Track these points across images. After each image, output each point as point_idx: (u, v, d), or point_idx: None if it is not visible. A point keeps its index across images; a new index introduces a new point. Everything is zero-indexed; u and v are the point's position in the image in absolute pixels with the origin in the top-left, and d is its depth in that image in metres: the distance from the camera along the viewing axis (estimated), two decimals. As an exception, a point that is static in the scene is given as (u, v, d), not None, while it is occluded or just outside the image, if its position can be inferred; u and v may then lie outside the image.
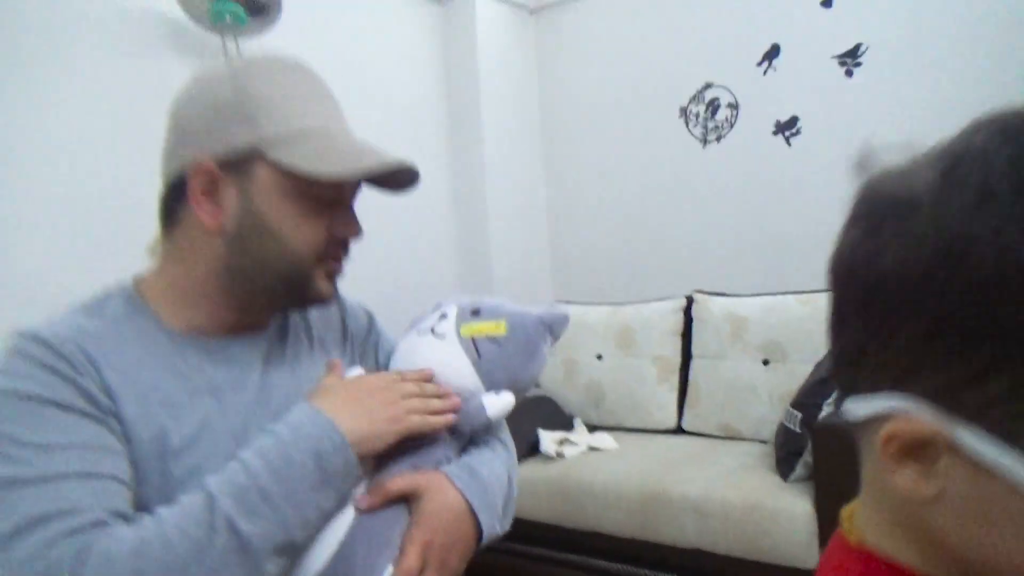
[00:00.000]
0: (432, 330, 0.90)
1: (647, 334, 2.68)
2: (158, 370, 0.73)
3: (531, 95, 3.62)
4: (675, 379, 2.61)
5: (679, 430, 2.57)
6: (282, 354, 0.84)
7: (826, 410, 1.90)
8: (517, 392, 0.89)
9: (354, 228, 0.81)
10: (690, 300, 2.68)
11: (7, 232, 1.95)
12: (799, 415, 1.96)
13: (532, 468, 2.30)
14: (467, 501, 0.78)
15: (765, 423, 2.31)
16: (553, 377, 2.85)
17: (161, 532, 0.62)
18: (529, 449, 2.37)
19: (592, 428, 2.63)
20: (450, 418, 0.82)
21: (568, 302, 3.07)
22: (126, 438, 0.69)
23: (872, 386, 0.39)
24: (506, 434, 0.95)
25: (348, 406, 0.74)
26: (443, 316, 0.91)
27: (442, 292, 3.25)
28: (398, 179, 0.82)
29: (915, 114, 2.62)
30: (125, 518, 0.64)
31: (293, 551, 0.69)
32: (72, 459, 0.64)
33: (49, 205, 2.03)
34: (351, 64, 2.94)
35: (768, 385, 2.33)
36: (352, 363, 0.93)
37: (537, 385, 2.83)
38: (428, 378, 0.84)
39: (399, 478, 0.77)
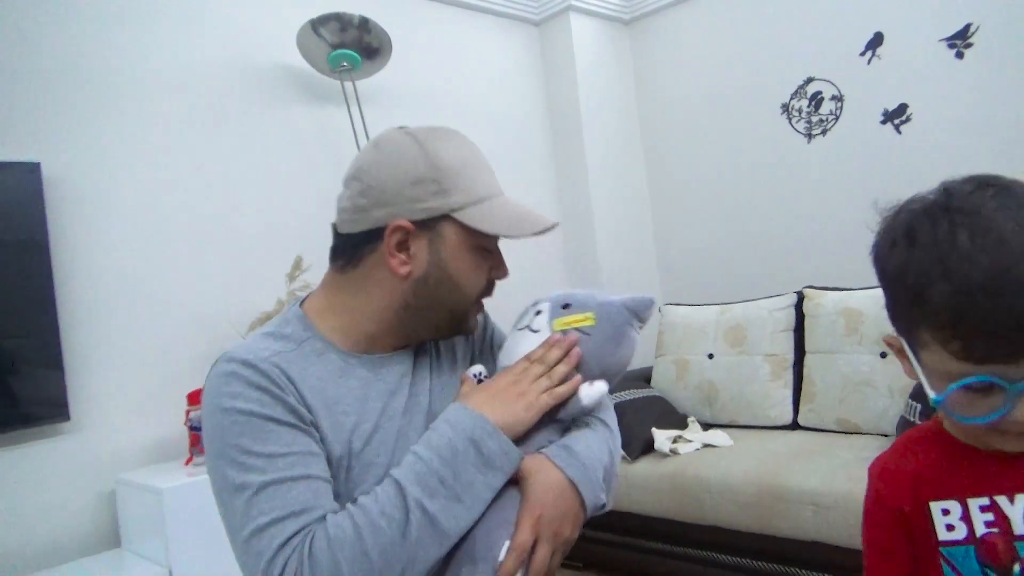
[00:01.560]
0: (529, 327, 0.99)
1: (758, 332, 2.69)
2: (337, 385, 0.88)
3: (630, 103, 3.70)
4: (789, 376, 2.60)
5: (795, 426, 2.56)
6: (425, 364, 0.99)
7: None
8: (610, 378, 0.97)
9: (505, 271, 0.98)
10: (800, 296, 2.67)
11: (178, 265, 2.25)
12: (918, 406, 1.93)
13: (648, 465, 2.37)
14: (567, 476, 0.88)
15: (885, 416, 2.28)
16: (665, 377, 2.90)
17: (369, 518, 0.77)
18: (644, 447, 2.44)
19: (707, 427, 2.67)
20: (577, 380, 0.93)
21: (677, 304, 3.11)
22: (323, 444, 0.84)
23: None
24: (609, 415, 1.03)
25: (489, 402, 0.88)
26: (538, 312, 1.01)
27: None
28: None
29: (1034, 91, 2.51)
30: (335, 511, 0.80)
31: (471, 520, 0.83)
32: (294, 463, 0.79)
33: (209, 240, 2.33)
34: (458, 91, 3.13)
35: (887, 378, 2.30)
36: (474, 358, 1.06)
37: (648, 385, 2.90)
38: (552, 345, 0.95)
39: None
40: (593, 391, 0.93)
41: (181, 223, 2.27)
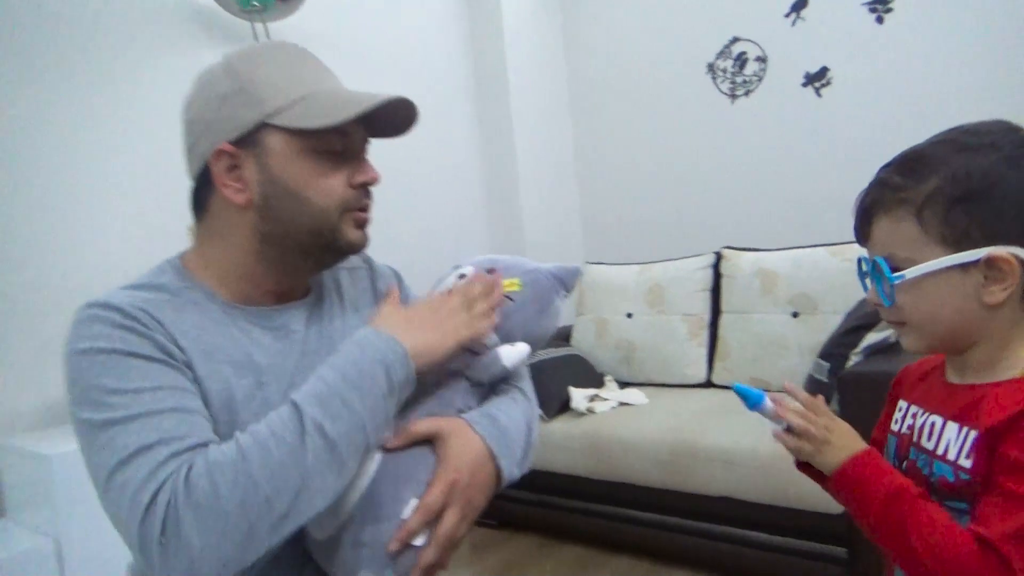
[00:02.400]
0: (451, 289, 0.95)
1: (676, 291, 2.70)
2: (217, 334, 0.81)
3: (558, 60, 3.62)
4: (705, 335, 2.63)
5: (709, 384, 2.60)
6: (320, 317, 0.92)
7: (854, 360, 1.92)
8: (533, 344, 0.94)
9: (370, 173, 0.87)
10: (719, 256, 2.70)
11: (86, 216, 2.07)
12: (827, 365, 1.98)
13: (564, 424, 2.37)
14: (487, 445, 0.84)
15: (795, 375, 2.33)
16: (585, 336, 2.90)
17: (258, 441, 0.69)
18: (561, 406, 2.43)
19: (623, 385, 2.69)
20: (494, 319, 0.89)
21: (599, 263, 3.10)
22: (199, 387, 0.77)
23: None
24: (527, 384, 0.99)
25: (404, 325, 0.82)
26: (461, 276, 0.97)
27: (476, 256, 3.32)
28: (399, 123, 0.89)
29: (949, 58, 2.56)
30: (216, 443, 0.72)
31: (368, 451, 0.77)
32: (163, 397, 0.71)
33: (118, 190, 2.15)
34: (378, 41, 2.98)
35: (798, 337, 2.35)
36: None
37: (568, 343, 2.89)
38: (474, 279, 0.91)
39: (423, 421, 0.84)
40: (515, 352, 0.90)
41: (69, 172, 2.10)
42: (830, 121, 2.84)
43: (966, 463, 0.70)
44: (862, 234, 0.80)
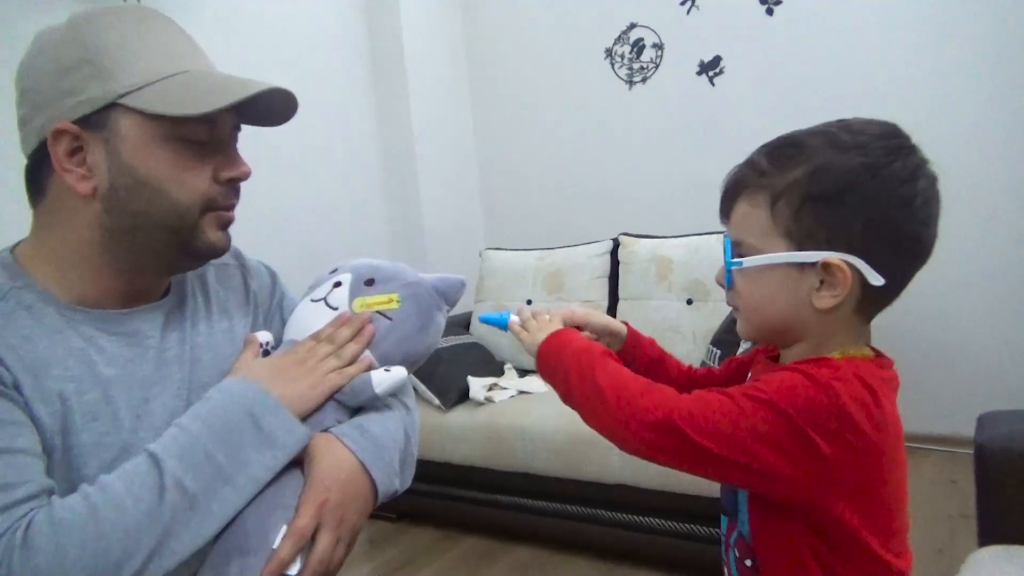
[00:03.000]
0: (326, 300, 0.87)
1: (575, 278, 2.70)
2: (52, 344, 0.70)
3: (457, 42, 3.54)
4: (603, 321, 2.64)
5: (608, 371, 2.62)
6: (181, 321, 0.82)
7: (744, 347, 1.95)
8: (411, 364, 0.88)
9: (238, 167, 0.77)
10: (616, 243, 2.71)
11: None
12: (718, 352, 2.01)
13: (462, 414, 2.32)
14: (358, 459, 0.77)
15: (690, 360, 2.32)
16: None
17: (111, 497, 0.62)
18: (459, 396, 2.38)
19: (523, 373, 2.66)
20: (368, 360, 0.83)
21: (499, 248, 3.06)
22: (29, 411, 0.66)
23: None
24: (408, 396, 0.93)
25: (271, 375, 0.77)
26: (337, 284, 0.89)
27: (373, 244, 3.21)
28: (276, 111, 0.79)
29: (834, 49, 2.65)
30: (53, 491, 0.63)
31: (241, 504, 0.70)
32: None
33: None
34: (268, 14, 2.80)
35: (692, 324, 2.39)
36: (256, 325, 0.91)
37: (467, 331, 2.84)
38: (343, 323, 0.84)
39: None
40: (388, 378, 0.82)
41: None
42: (723, 109, 2.90)
43: None
44: (723, 212, 0.80)
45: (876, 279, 0.68)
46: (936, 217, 0.70)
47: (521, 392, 2.42)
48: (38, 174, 0.73)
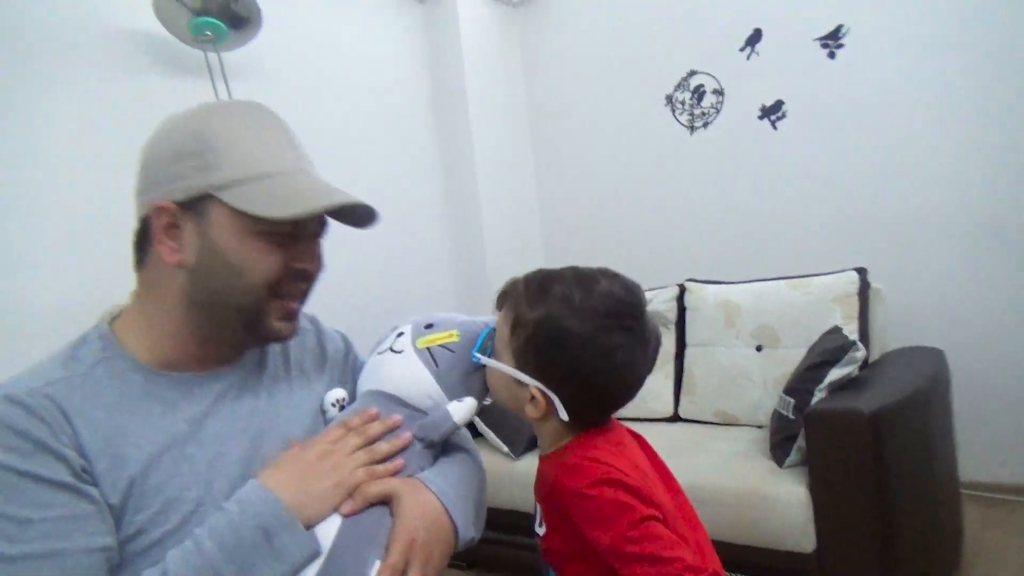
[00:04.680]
0: (391, 348, 0.94)
1: (641, 324, 2.69)
2: (131, 412, 0.76)
3: (518, 89, 3.63)
4: (671, 368, 2.63)
5: (676, 418, 2.60)
6: (259, 382, 0.88)
7: (818, 396, 1.93)
8: (478, 396, 0.93)
9: (312, 262, 0.85)
10: (682, 288, 2.70)
11: (19, 251, 1.97)
12: (792, 401, 1.98)
13: (532, 461, 2.31)
14: (442, 503, 0.83)
15: (760, 408, 2.34)
16: (550, 370, 2.87)
17: None
18: (528, 443, 2.40)
19: (590, 419, 2.66)
20: (399, 463, 0.85)
21: (563, 295, 3.08)
22: (101, 492, 0.72)
23: None
24: (470, 443, 1.00)
25: (295, 479, 0.78)
26: (400, 335, 0.95)
27: (438, 291, 3.28)
28: (360, 215, 0.87)
29: (898, 93, 2.63)
30: None
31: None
32: (47, 535, 0.67)
33: (52, 222, 2.06)
34: (334, 69, 2.94)
35: (762, 371, 2.36)
36: (332, 383, 0.96)
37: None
38: (373, 418, 0.87)
39: (375, 483, 0.81)
40: (463, 408, 0.89)
41: (13, 204, 2.00)
42: (786, 153, 2.89)
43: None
44: (497, 304, 0.93)
45: (564, 416, 0.83)
46: (641, 377, 0.87)
47: (589, 440, 2.42)
48: (144, 241, 0.82)
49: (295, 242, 0.83)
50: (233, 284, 0.80)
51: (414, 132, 3.32)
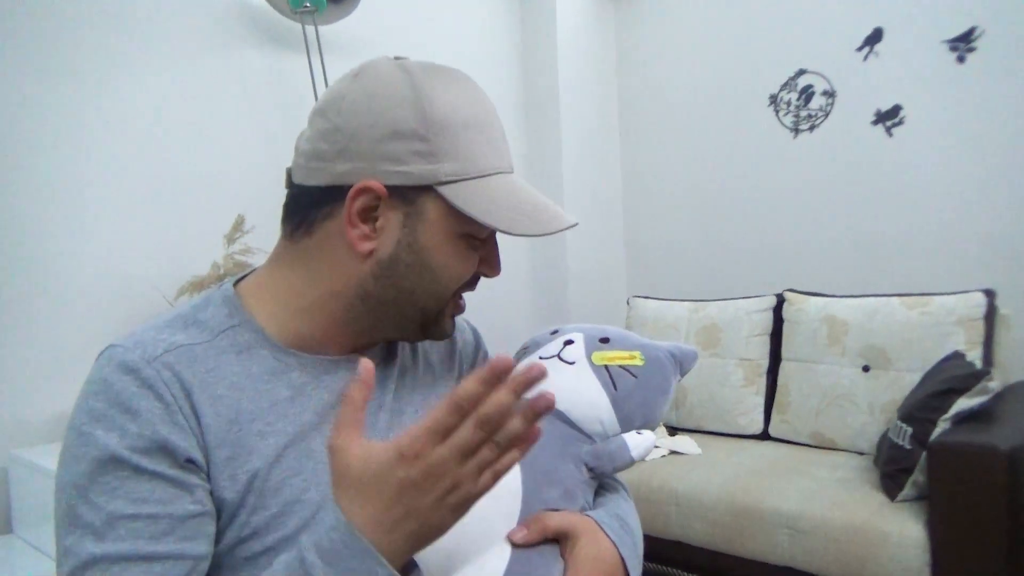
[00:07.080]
0: (559, 356, 0.82)
1: (733, 333, 2.54)
2: (258, 394, 0.66)
3: (610, 84, 3.50)
4: (762, 382, 2.47)
5: (765, 436, 2.43)
6: (388, 374, 0.78)
7: (942, 427, 1.75)
8: (655, 431, 0.82)
9: (497, 268, 0.76)
10: (780, 299, 2.53)
11: (97, 218, 1.96)
12: (909, 430, 1.81)
13: (611, 471, 2.20)
14: (620, 554, 0.72)
15: (864, 434, 2.16)
16: (630, 376, 2.74)
17: None
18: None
19: (673, 431, 2.52)
20: (516, 455, 0.58)
21: (645, 297, 2.95)
22: (215, 485, 0.63)
23: None
24: (623, 480, 0.89)
25: (394, 504, 0.53)
26: (568, 342, 0.83)
27: (515, 293, 3.18)
28: None
29: (1037, 103, 2.40)
30: None
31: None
32: (137, 533, 0.58)
33: (136, 192, 2.05)
34: (427, 50, 2.88)
35: (868, 394, 2.18)
36: (461, 379, 0.86)
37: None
38: (496, 375, 0.52)
39: (555, 515, 0.71)
40: (643, 442, 0.78)
41: (100, 173, 1.98)
42: (901, 162, 2.68)
43: None
44: None
45: None
46: None
47: (672, 452, 2.28)
48: (312, 209, 0.69)
49: (483, 244, 0.73)
50: (426, 286, 0.70)
51: (504, 117, 3.22)
